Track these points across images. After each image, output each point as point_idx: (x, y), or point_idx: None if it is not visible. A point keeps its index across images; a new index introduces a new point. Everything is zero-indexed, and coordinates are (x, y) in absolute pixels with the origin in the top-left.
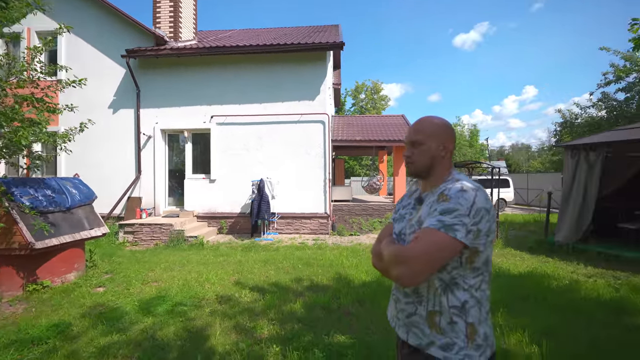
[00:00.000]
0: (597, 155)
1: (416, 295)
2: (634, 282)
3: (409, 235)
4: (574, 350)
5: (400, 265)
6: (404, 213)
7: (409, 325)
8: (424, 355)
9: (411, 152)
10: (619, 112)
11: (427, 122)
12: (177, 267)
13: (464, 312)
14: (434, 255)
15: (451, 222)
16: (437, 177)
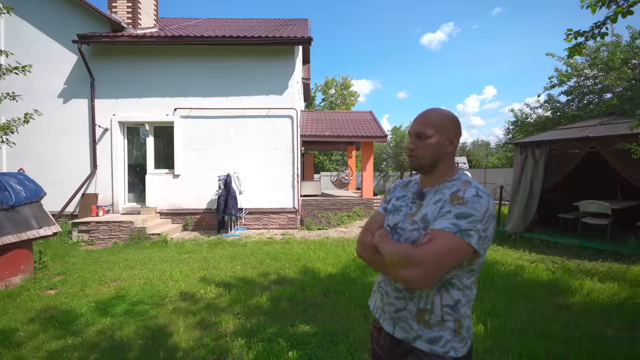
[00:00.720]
0: (542, 152)
1: (408, 292)
2: (568, 265)
3: (410, 232)
4: (513, 326)
5: (412, 268)
6: (400, 205)
7: (396, 320)
8: (409, 348)
9: (415, 145)
10: (561, 112)
11: (434, 115)
12: (139, 265)
13: (456, 309)
14: (448, 259)
15: (467, 227)
16: (440, 174)
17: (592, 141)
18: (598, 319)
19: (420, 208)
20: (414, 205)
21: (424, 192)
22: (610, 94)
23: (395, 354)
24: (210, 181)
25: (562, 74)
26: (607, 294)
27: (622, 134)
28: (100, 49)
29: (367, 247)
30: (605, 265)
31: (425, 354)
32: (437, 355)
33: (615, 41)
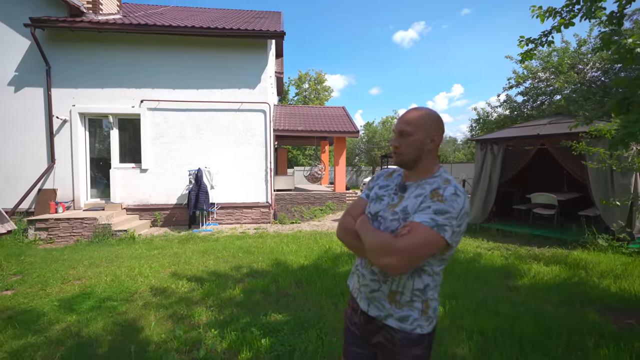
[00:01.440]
0: (499, 148)
1: (382, 275)
2: (520, 252)
3: (391, 221)
4: (468, 306)
5: (391, 256)
6: (382, 194)
7: (371, 299)
8: (381, 325)
9: (399, 142)
10: (518, 112)
11: (416, 113)
12: (104, 263)
13: (424, 292)
14: (423, 250)
15: (443, 222)
16: (423, 169)
17: (542, 139)
18: (541, 297)
19: (402, 200)
20: (396, 196)
21: (406, 185)
22: (559, 96)
23: (368, 329)
24: (181, 176)
25: (519, 75)
26: (550, 276)
27: (566, 133)
28: (57, 35)
29: (348, 231)
30: (550, 251)
31: (395, 330)
32: (405, 332)
33: (564, 47)
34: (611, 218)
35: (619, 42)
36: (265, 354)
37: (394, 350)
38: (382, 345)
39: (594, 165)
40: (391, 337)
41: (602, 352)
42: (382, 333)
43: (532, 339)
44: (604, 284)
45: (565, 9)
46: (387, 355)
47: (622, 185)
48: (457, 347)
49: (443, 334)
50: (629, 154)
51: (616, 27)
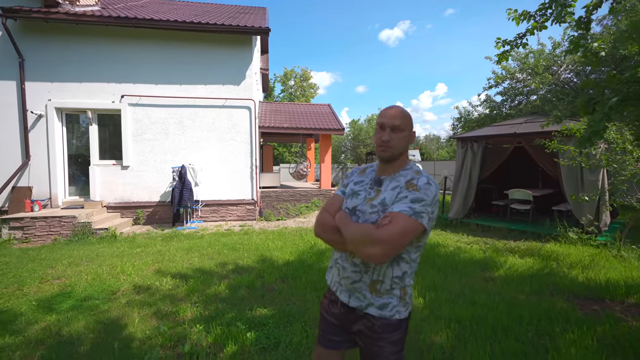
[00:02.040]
0: (479, 146)
1: (364, 266)
2: (497, 245)
3: (370, 214)
4: (447, 297)
5: (375, 246)
6: (358, 190)
7: (352, 290)
8: (361, 314)
9: (390, 137)
10: (497, 111)
11: (403, 110)
12: (85, 261)
13: (402, 279)
14: (404, 237)
15: (420, 209)
16: (398, 163)
17: (518, 137)
18: (515, 288)
19: (379, 193)
20: (373, 190)
21: (381, 179)
22: (535, 96)
23: (349, 319)
24: (164, 172)
25: (498, 76)
26: (524, 267)
27: (541, 131)
28: (31, 26)
29: (327, 227)
30: (525, 244)
31: (375, 318)
32: (385, 318)
33: (540, 49)
34: (581, 212)
35: (586, 45)
36: (251, 347)
37: (374, 337)
38: (362, 332)
39: (565, 162)
40: (371, 324)
41: (567, 336)
42: (363, 321)
43: (505, 326)
44: (572, 274)
45: (539, 13)
46: (367, 342)
47: (591, 182)
48: (435, 335)
49: (422, 324)
50: (596, 152)
51: (584, 32)
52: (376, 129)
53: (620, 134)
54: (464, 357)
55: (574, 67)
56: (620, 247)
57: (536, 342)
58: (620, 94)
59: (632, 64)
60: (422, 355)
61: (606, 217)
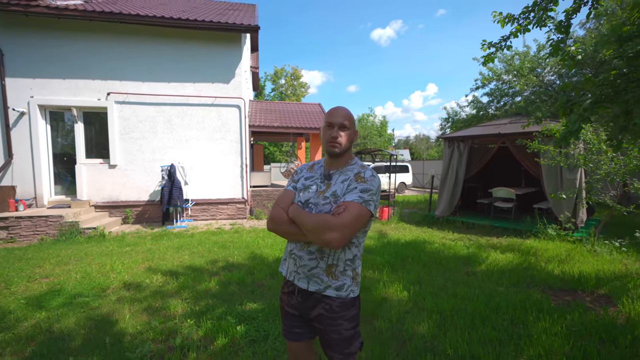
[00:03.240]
0: (465, 145)
1: (320, 253)
2: (480, 242)
3: (323, 205)
4: (431, 290)
5: (333, 232)
6: (309, 184)
7: (310, 277)
8: (320, 297)
9: (339, 134)
10: (484, 112)
11: (347, 111)
12: (73, 260)
13: (353, 262)
14: (357, 223)
15: (368, 198)
16: (345, 159)
17: (503, 137)
18: (494, 281)
19: (330, 187)
20: (323, 184)
21: (331, 174)
22: (520, 97)
23: (307, 306)
24: (153, 171)
25: (485, 77)
26: (504, 262)
27: (523, 132)
28: (11, 20)
29: (281, 220)
30: (507, 240)
31: (333, 299)
32: (341, 298)
33: (525, 51)
34: (559, 210)
35: (564, 49)
36: (241, 340)
37: (333, 317)
38: (322, 316)
39: (545, 162)
40: (329, 306)
41: (540, 324)
42: (321, 305)
43: (483, 315)
44: (549, 268)
45: (522, 16)
46: (326, 323)
47: (569, 180)
48: (417, 326)
49: (406, 315)
50: (575, 152)
51: (564, 36)
52: (324, 127)
53: (597, 134)
54: (443, 344)
55: (557, 69)
56: (594, 243)
57: (511, 330)
58: (594, 96)
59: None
60: (405, 344)
61: (583, 214)
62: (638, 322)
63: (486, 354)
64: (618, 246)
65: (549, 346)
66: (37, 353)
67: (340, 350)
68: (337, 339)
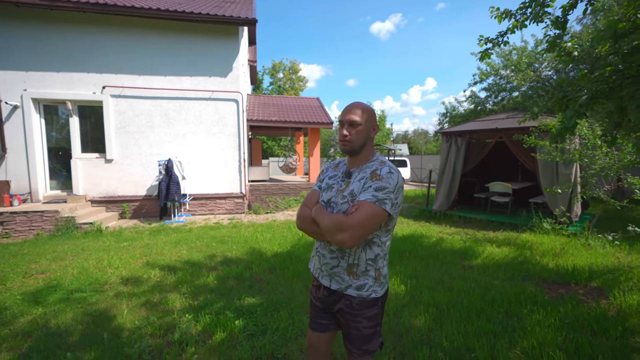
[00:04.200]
0: (463, 140)
1: (340, 252)
2: (477, 235)
3: (342, 205)
4: (427, 284)
5: (344, 232)
6: (332, 183)
7: (332, 275)
8: (342, 295)
9: (349, 131)
10: (482, 106)
11: (362, 106)
12: (70, 256)
13: (375, 261)
14: (370, 223)
15: (383, 197)
16: (364, 156)
17: (500, 132)
18: (490, 274)
19: (349, 185)
20: (343, 183)
21: (351, 172)
22: (517, 92)
23: (331, 301)
24: (150, 166)
25: (483, 72)
26: (500, 256)
27: (519, 127)
28: (2, 11)
29: (306, 220)
30: (503, 234)
31: (354, 298)
32: (362, 298)
33: (523, 47)
34: (555, 204)
35: (561, 45)
36: (239, 334)
37: (353, 313)
38: (343, 310)
39: (541, 157)
40: (350, 303)
41: (534, 317)
42: (343, 301)
43: (479, 308)
44: (544, 262)
45: (519, 12)
46: (347, 318)
47: (565, 175)
48: (414, 319)
49: (403, 309)
50: (570, 147)
51: (560, 31)
52: (338, 126)
53: (592, 130)
54: (439, 337)
55: (554, 64)
56: (588, 236)
57: (505, 322)
58: (589, 92)
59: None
60: (402, 337)
61: (577, 208)
62: (628, 314)
63: (481, 346)
64: (611, 240)
65: (542, 338)
66: (33, 349)
67: (359, 346)
68: (355, 334)
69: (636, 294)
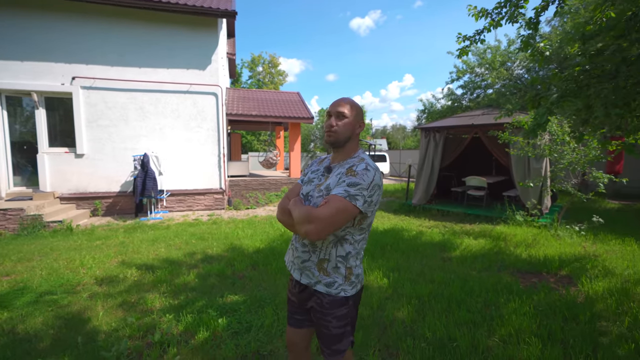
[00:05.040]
0: (441, 136)
1: (312, 246)
2: (455, 228)
3: (317, 198)
4: (409, 277)
5: (310, 224)
6: (313, 177)
7: (303, 269)
8: (312, 291)
9: (335, 122)
10: (458, 103)
11: (350, 100)
12: (37, 256)
13: (346, 259)
14: (338, 217)
15: (355, 193)
16: (347, 151)
17: (476, 128)
18: (468, 265)
19: (327, 179)
20: (323, 177)
21: (331, 167)
22: (491, 90)
23: (303, 297)
24: (124, 161)
25: (459, 70)
26: (477, 248)
27: (495, 123)
28: None
29: (284, 211)
30: (479, 227)
31: (323, 295)
32: (331, 295)
33: (497, 45)
34: (526, 197)
35: (534, 45)
36: (223, 332)
37: (323, 312)
38: (314, 309)
39: (515, 152)
40: (320, 301)
41: (510, 305)
42: (314, 298)
43: (459, 299)
44: (517, 252)
45: (495, 11)
46: (318, 317)
47: (536, 169)
48: (397, 311)
49: (386, 302)
50: (541, 143)
51: (533, 32)
52: (325, 118)
53: (560, 126)
54: (422, 328)
55: (525, 63)
56: (557, 228)
57: (484, 311)
58: (560, 91)
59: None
60: (386, 330)
61: (547, 201)
62: (595, 299)
63: (462, 336)
64: (578, 230)
65: (518, 325)
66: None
67: (329, 345)
68: (326, 334)
69: (601, 281)
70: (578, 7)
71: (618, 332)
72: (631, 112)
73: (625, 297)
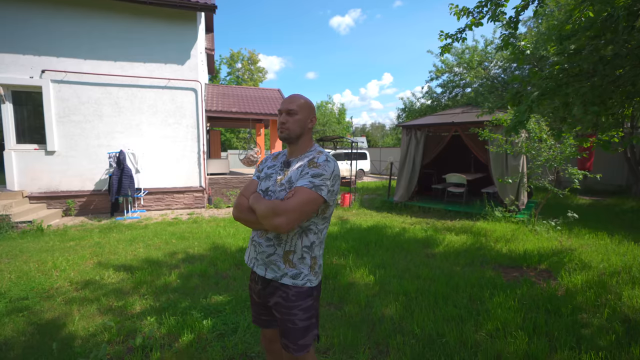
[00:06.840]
0: (422, 133)
1: (277, 239)
2: (437, 225)
3: (279, 192)
4: (395, 273)
5: (279, 217)
6: (270, 173)
7: (268, 263)
8: (277, 285)
9: (286, 119)
10: (437, 102)
11: (300, 97)
12: (5, 259)
13: (311, 249)
14: (306, 208)
15: (319, 183)
16: (303, 146)
17: (456, 126)
18: (452, 261)
19: (287, 173)
20: (282, 172)
21: (289, 161)
22: (469, 89)
23: (267, 292)
24: (98, 158)
25: (438, 69)
26: (459, 243)
27: (474, 121)
28: None
29: (243, 209)
30: (460, 223)
31: (289, 287)
32: (298, 287)
33: (475, 46)
34: (505, 193)
35: (514, 44)
36: (208, 334)
37: (289, 305)
38: (279, 304)
39: (493, 149)
40: (286, 294)
41: (495, 300)
42: (278, 293)
43: (445, 294)
44: (498, 247)
45: (476, 10)
46: (283, 312)
47: (513, 166)
48: (385, 308)
49: (374, 299)
50: (519, 140)
51: (513, 30)
52: (278, 115)
53: (538, 124)
54: (411, 325)
55: (502, 63)
56: (535, 223)
57: (470, 306)
58: (539, 89)
59: (550, 63)
60: (375, 327)
61: (524, 197)
62: (575, 292)
63: (450, 331)
64: (553, 225)
65: (504, 319)
66: None
67: (294, 340)
68: (291, 328)
69: (579, 274)
70: (553, 9)
71: (598, 323)
72: (607, 110)
73: (603, 290)
